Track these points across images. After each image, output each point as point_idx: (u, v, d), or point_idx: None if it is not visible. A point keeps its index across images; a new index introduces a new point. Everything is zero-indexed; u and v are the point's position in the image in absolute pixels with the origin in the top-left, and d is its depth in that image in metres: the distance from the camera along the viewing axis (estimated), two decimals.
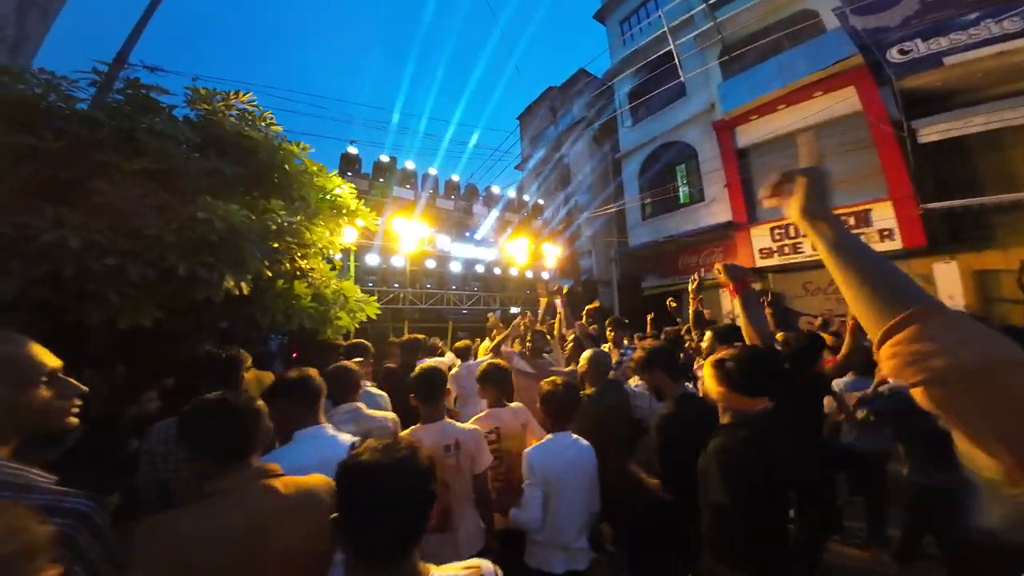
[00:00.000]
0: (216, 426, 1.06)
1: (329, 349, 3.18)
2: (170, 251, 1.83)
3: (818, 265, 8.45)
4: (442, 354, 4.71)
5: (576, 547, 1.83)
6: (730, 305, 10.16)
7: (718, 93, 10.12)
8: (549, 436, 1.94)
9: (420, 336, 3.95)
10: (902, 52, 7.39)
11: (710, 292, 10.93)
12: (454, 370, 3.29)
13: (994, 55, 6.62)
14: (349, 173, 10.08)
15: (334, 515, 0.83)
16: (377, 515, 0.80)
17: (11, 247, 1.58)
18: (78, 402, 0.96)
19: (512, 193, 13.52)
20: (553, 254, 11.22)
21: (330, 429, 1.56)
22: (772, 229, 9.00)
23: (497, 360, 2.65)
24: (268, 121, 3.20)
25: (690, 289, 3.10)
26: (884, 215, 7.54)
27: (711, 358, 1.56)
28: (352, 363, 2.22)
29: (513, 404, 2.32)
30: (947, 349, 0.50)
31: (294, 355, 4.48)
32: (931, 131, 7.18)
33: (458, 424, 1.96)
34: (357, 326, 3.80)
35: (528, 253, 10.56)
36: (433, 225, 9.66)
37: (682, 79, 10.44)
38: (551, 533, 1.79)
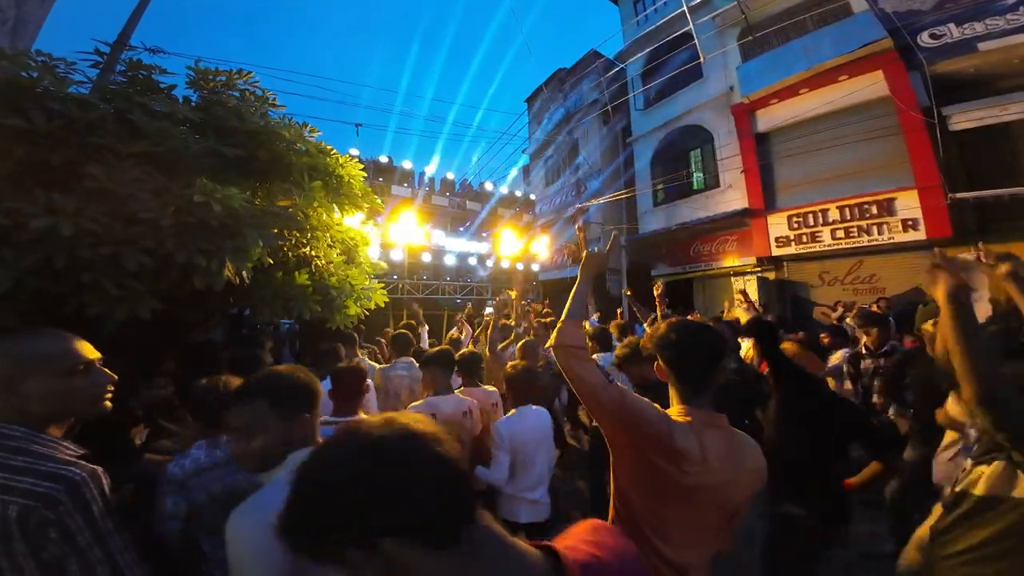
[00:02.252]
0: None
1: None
2: (167, 237, 1.75)
3: (835, 254, 8.29)
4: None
5: (538, 499, 2.18)
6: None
7: (738, 75, 9.74)
8: (513, 410, 2.28)
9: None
10: (934, 36, 7.06)
11: (722, 280, 10.75)
12: None
13: None
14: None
15: None
16: None
17: (2, 235, 1.52)
18: (111, 387, 1.11)
19: (504, 189, 14.44)
20: (543, 247, 12.22)
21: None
22: (790, 217, 8.75)
23: (471, 350, 3.37)
24: (271, 102, 3.10)
25: (656, 294, 3.41)
26: (909, 204, 7.27)
27: None
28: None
29: (487, 387, 2.85)
30: (557, 335, 1.24)
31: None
32: (964, 119, 6.86)
33: (462, 395, 2.48)
34: (366, 314, 3.76)
35: (521, 246, 11.54)
36: (429, 221, 10.29)
37: (701, 60, 10.05)
38: (517, 488, 2.13)
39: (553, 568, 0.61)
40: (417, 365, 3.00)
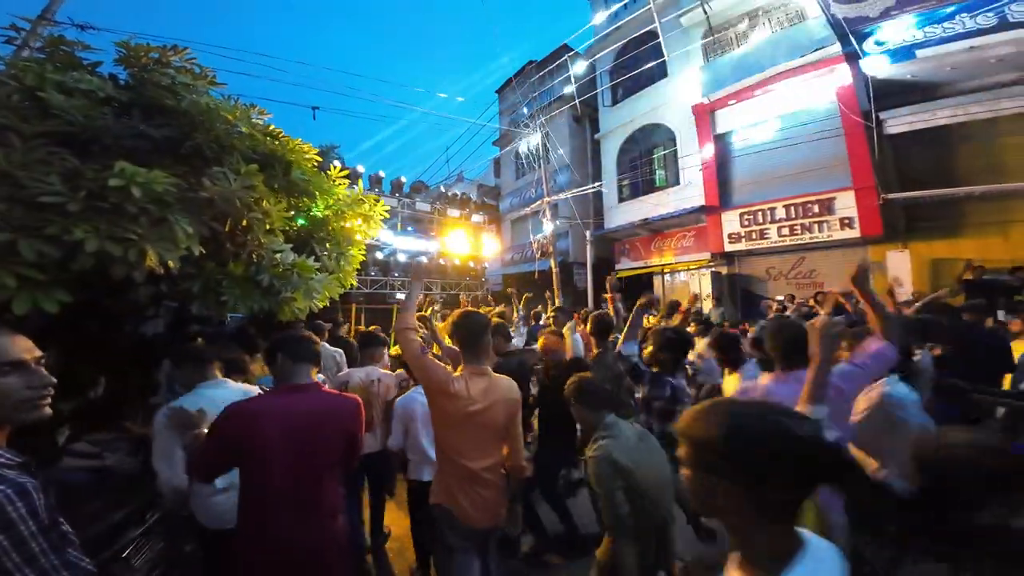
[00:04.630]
0: None
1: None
2: (75, 224, 1.66)
3: (781, 251, 8.74)
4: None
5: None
6: (698, 287, 10.39)
7: (700, 76, 10.01)
8: (411, 388, 2.72)
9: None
10: (878, 43, 7.44)
11: (680, 275, 11.15)
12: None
13: (965, 49, 6.73)
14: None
15: None
16: None
17: None
18: (50, 391, 1.00)
19: (455, 191, 15.58)
20: (492, 245, 13.26)
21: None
22: (741, 214, 9.14)
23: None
24: (210, 80, 2.96)
25: (607, 286, 3.53)
26: (847, 204, 7.74)
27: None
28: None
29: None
30: (396, 322, 1.90)
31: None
32: (898, 122, 7.34)
33: (380, 369, 3.05)
34: (321, 307, 3.69)
35: (469, 244, 12.86)
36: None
37: (665, 59, 10.28)
38: (418, 452, 2.52)
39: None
40: (333, 349, 4.02)
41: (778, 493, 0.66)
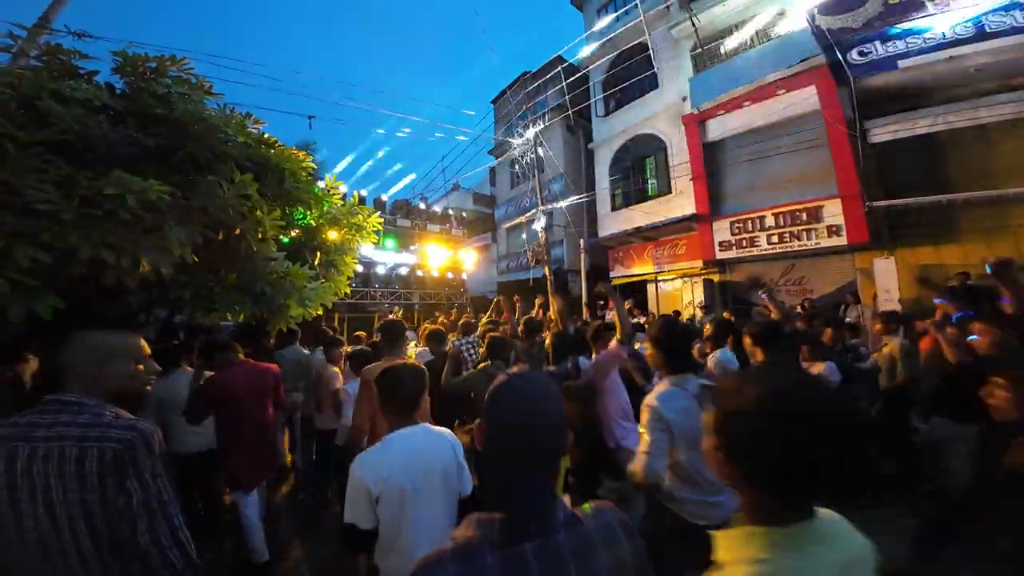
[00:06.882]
0: None
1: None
2: (70, 231, 1.67)
3: (769, 259, 8.86)
4: None
5: None
6: (691, 295, 10.47)
7: (689, 87, 10.20)
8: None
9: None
10: (862, 54, 7.60)
11: (673, 283, 11.25)
12: None
13: (944, 60, 6.91)
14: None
15: None
16: None
17: None
18: (154, 377, 1.37)
19: (438, 208, 16.99)
20: (472, 257, 14.86)
21: None
22: (732, 223, 9.25)
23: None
24: (206, 90, 3.00)
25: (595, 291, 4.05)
26: (833, 212, 7.87)
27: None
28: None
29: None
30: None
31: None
32: (881, 132, 7.50)
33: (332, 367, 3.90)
34: (316, 315, 3.70)
35: (448, 258, 14.43)
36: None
37: (655, 70, 10.48)
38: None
39: None
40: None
41: None
